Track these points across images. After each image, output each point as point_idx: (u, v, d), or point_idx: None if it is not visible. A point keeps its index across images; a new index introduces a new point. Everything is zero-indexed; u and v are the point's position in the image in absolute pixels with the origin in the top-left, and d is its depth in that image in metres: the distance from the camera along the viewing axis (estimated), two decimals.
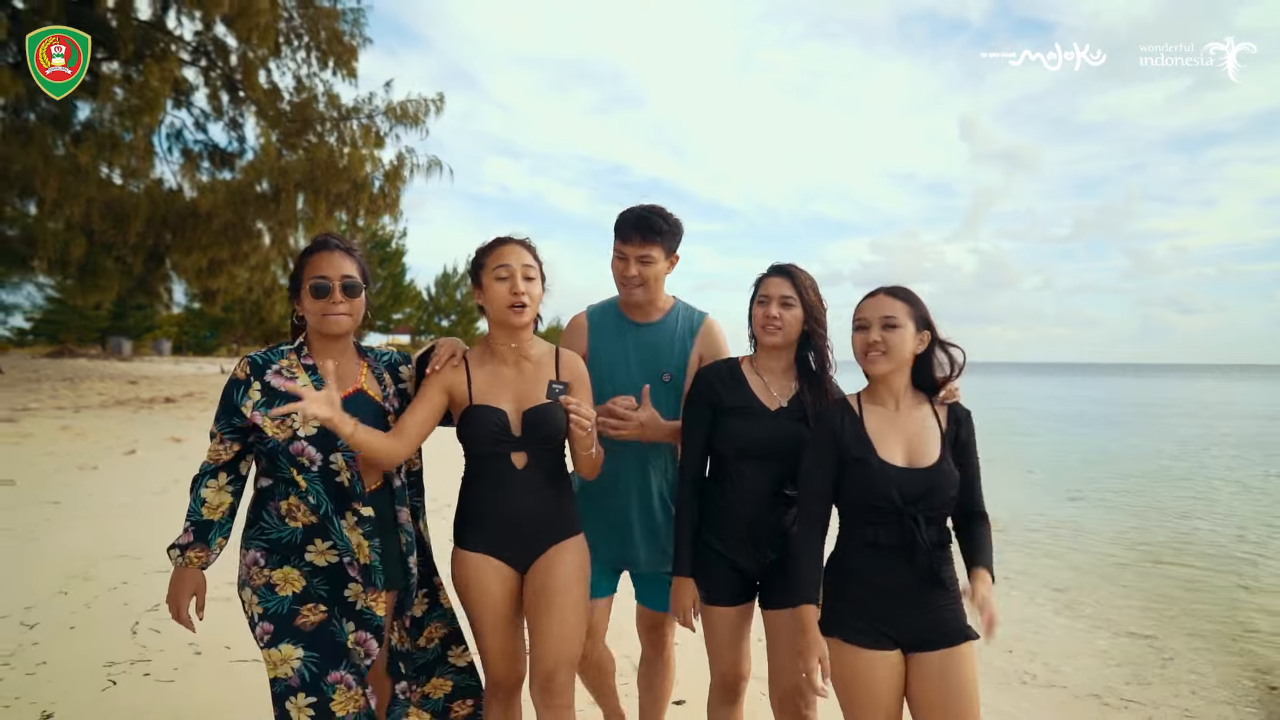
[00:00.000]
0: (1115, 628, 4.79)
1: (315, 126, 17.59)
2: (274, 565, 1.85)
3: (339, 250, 1.91)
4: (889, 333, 1.77)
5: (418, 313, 57.52)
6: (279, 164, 14.46)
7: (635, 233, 2.16)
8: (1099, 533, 7.63)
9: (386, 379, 1.99)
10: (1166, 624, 4.88)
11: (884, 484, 1.72)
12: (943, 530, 1.78)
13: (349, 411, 1.76)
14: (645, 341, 2.28)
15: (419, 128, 17.62)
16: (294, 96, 18.02)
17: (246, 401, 1.83)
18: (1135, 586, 5.81)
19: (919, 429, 1.80)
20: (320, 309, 1.86)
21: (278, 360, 1.88)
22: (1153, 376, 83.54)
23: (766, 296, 2.02)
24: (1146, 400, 35.49)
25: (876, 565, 1.74)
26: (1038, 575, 5.99)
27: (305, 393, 1.62)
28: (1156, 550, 6.97)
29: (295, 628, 1.80)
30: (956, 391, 1.87)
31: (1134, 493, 10.10)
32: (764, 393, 2.04)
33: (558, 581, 1.95)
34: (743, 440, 2.00)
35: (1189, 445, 15.98)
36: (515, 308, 1.90)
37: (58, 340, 46.19)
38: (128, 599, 4.01)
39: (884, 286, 1.84)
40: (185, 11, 16.08)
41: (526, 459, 1.94)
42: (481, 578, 1.94)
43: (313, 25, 17.79)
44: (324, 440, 1.82)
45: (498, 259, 1.93)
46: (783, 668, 2.00)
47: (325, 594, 1.84)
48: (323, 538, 1.85)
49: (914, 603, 1.72)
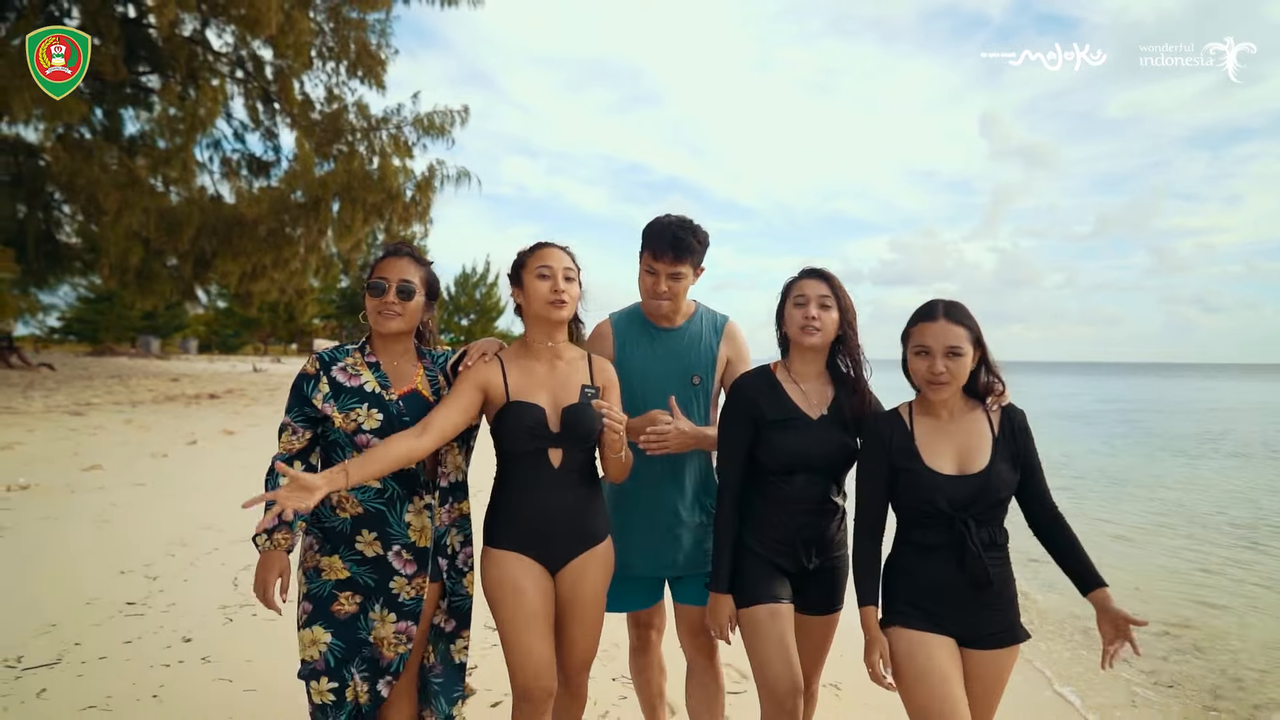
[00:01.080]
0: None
1: (346, 136, 18.57)
2: (325, 553, 1.94)
3: (406, 257, 2.02)
4: (952, 362, 1.77)
5: (439, 311, 58.54)
6: (319, 175, 15.40)
7: (669, 250, 2.17)
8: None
9: (441, 381, 2.06)
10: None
11: (931, 491, 1.76)
12: (998, 531, 1.79)
13: (405, 408, 1.93)
14: (671, 347, 2.30)
15: (445, 137, 18.57)
16: (325, 106, 19.01)
17: (316, 394, 1.93)
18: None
19: (970, 436, 1.82)
20: (375, 307, 1.96)
21: (344, 358, 1.98)
22: (1172, 376, 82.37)
23: (804, 297, 1.99)
24: (1141, 399, 35.47)
25: (929, 567, 1.79)
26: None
27: (280, 495, 1.61)
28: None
29: (330, 613, 1.91)
30: (1006, 394, 1.87)
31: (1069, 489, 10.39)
32: (804, 402, 2.01)
33: (586, 593, 1.99)
34: (790, 453, 1.97)
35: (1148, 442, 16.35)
36: (556, 304, 1.95)
37: (89, 338, 47.93)
38: (223, 560, 4.81)
39: (942, 306, 1.83)
40: (233, 33, 17.08)
41: (563, 457, 1.95)
42: (515, 575, 1.93)
43: (343, 38, 18.73)
44: (388, 432, 1.89)
45: (540, 259, 1.98)
46: (812, 664, 2.08)
47: (372, 583, 1.92)
48: (369, 528, 1.92)
49: (965, 603, 1.76)
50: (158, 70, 17.75)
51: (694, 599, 2.25)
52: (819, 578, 2.02)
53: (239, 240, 14.37)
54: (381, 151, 18.22)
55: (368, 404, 1.91)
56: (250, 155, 19.64)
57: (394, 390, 1.95)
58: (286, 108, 18.23)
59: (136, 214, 13.05)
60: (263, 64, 18.92)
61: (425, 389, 2.01)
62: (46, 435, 9.85)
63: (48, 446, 9.02)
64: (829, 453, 1.97)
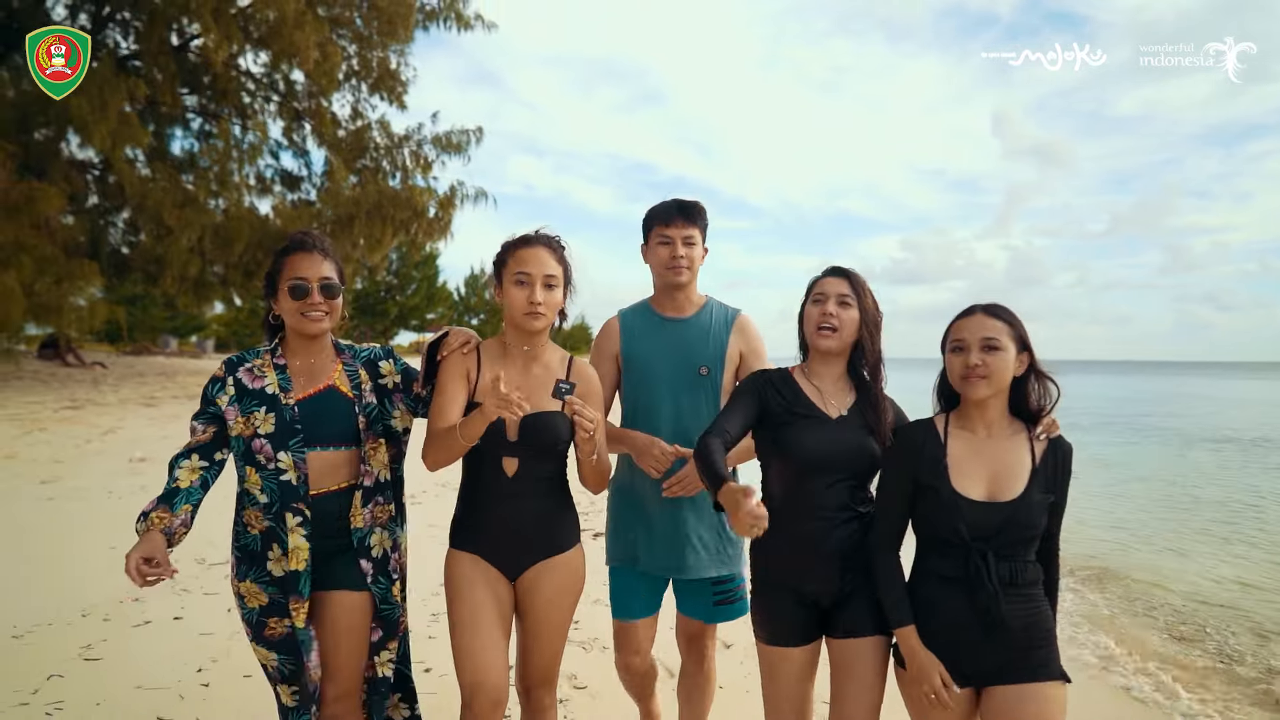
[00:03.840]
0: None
1: (370, 153, 20.34)
2: (241, 576, 1.89)
3: (317, 251, 1.90)
4: (990, 355, 1.67)
5: (449, 312, 60.58)
6: (352, 194, 17.26)
7: (678, 214, 2.22)
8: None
9: (363, 375, 1.97)
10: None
11: (952, 516, 1.65)
12: (1024, 568, 1.66)
13: (318, 407, 1.87)
14: (679, 336, 2.28)
15: (462, 154, 20.33)
16: (350, 124, 20.75)
17: (221, 396, 1.88)
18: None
19: (1008, 460, 1.69)
20: (298, 309, 1.86)
21: (252, 359, 1.92)
22: (1177, 375, 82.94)
23: (823, 295, 1.91)
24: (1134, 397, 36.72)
25: (944, 597, 1.68)
26: None
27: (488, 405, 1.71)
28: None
29: (265, 637, 1.88)
30: (1055, 426, 1.75)
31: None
32: (821, 401, 1.90)
33: (541, 600, 1.93)
34: (807, 450, 1.84)
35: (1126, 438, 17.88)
36: (531, 315, 1.89)
37: (112, 339, 50.00)
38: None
39: (980, 304, 1.75)
40: (267, 58, 18.84)
41: (518, 466, 1.89)
42: (468, 574, 1.91)
43: (365, 60, 20.45)
44: (278, 438, 1.83)
45: (519, 263, 1.91)
46: (853, 706, 1.80)
47: (284, 605, 1.85)
48: (278, 543, 1.85)
49: (984, 638, 1.64)
50: (195, 91, 19.55)
51: (697, 613, 2.31)
52: (856, 596, 1.83)
53: None
54: (403, 167, 20.04)
55: (265, 407, 1.86)
56: (284, 171, 21.48)
57: (294, 394, 1.89)
58: (317, 127, 20.00)
59: (196, 230, 14.92)
60: (294, 85, 20.70)
61: (344, 384, 1.95)
62: (134, 422, 11.68)
63: (140, 430, 10.84)
64: (848, 451, 1.85)
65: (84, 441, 9.54)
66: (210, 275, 16.99)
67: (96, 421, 11.24)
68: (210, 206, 17.10)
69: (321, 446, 1.87)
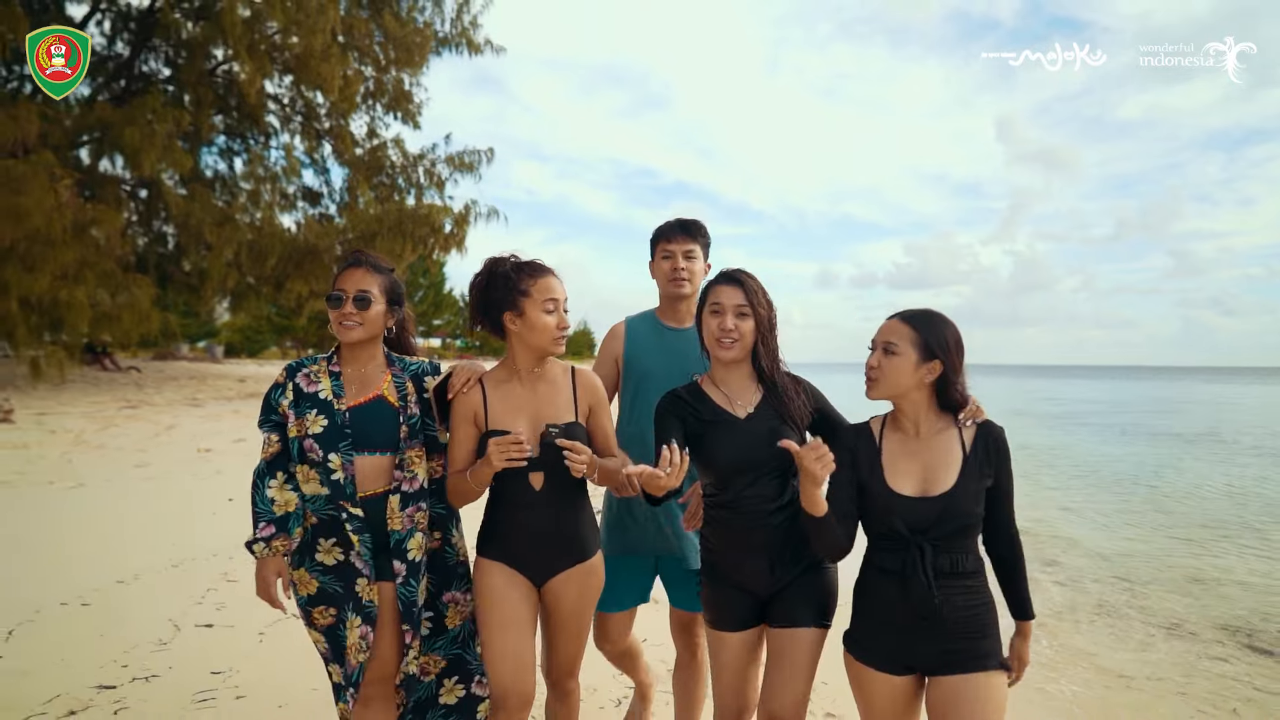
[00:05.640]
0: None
1: (387, 171, 21.79)
2: (294, 565, 2.04)
3: (363, 266, 2.05)
4: (886, 358, 1.74)
5: (455, 318, 61.96)
6: (376, 211, 18.83)
7: (680, 231, 2.40)
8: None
9: (409, 388, 2.09)
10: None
11: (888, 513, 1.72)
12: (962, 558, 1.70)
13: (367, 415, 2.01)
14: (676, 346, 2.41)
15: (474, 174, 21.77)
16: (366, 142, 22.18)
17: (283, 400, 2.04)
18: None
19: (939, 454, 1.75)
20: (335, 318, 2.02)
21: (309, 365, 2.08)
22: (1181, 379, 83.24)
23: (720, 306, 1.95)
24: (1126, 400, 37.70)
25: (884, 589, 1.74)
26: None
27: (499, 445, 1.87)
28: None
29: (314, 623, 2.03)
30: (980, 410, 1.80)
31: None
32: (728, 404, 1.98)
33: (567, 605, 2.06)
34: (723, 454, 1.92)
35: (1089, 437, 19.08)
36: (560, 340, 1.99)
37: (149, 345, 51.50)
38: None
39: (906, 310, 1.80)
40: (290, 82, 20.33)
41: (544, 479, 1.98)
42: (497, 582, 2.01)
43: (381, 83, 21.86)
44: (328, 439, 1.97)
45: (547, 291, 1.98)
46: (780, 688, 1.88)
47: (340, 590, 1.98)
48: (326, 536, 1.99)
49: (924, 629, 1.68)
50: (222, 112, 21.00)
51: (685, 604, 2.44)
52: (793, 589, 1.93)
53: (310, 265, 17.70)
54: (417, 184, 21.50)
55: (317, 410, 2.00)
56: (305, 187, 22.97)
57: (347, 400, 2.02)
58: (337, 146, 21.44)
59: (234, 246, 16.43)
60: (315, 108, 22.13)
61: (391, 395, 2.06)
62: (188, 419, 13.08)
63: (196, 426, 12.23)
64: (762, 447, 1.91)
65: (152, 435, 10.93)
66: (244, 286, 18.50)
67: (156, 419, 12.65)
68: (247, 224, 18.69)
69: (368, 451, 2.00)
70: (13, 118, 12.75)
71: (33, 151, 13.29)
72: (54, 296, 12.75)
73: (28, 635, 3.73)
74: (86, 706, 3.03)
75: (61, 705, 3.03)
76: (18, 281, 12.13)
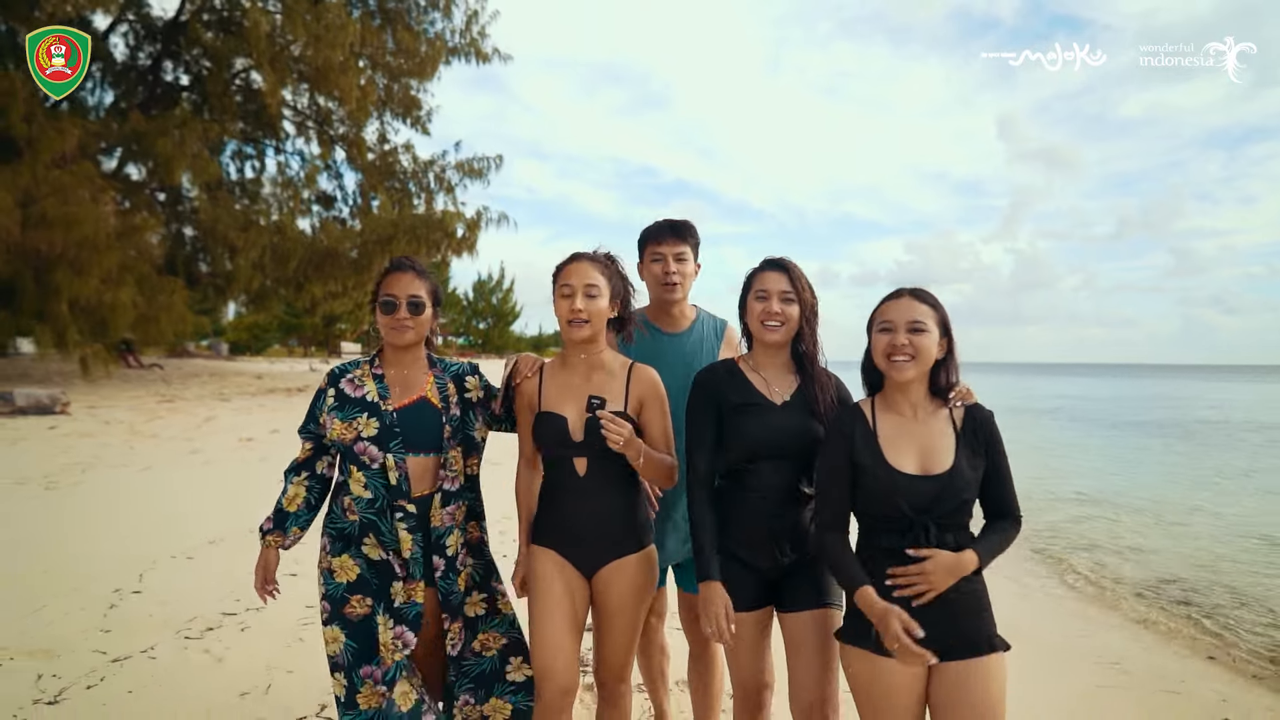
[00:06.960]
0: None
1: (399, 176, 22.63)
2: (335, 553, 2.08)
3: (411, 271, 2.12)
4: (916, 337, 1.74)
5: (459, 317, 62.75)
6: (393, 216, 19.75)
7: (669, 233, 2.41)
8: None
9: (451, 388, 2.15)
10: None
11: (892, 492, 1.71)
12: (962, 536, 1.73)
13: (413, 416, 2.07)
14: (678, 350, 2.45)
15: (482, 179, 22.62)
16: (378, 147, 23.00)
17: (324, 407, 2.10)
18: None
19: (934, 435, 1.77)
20: (387, 323, 2.08)
21: (353, 370, 2.13)
22: (1181, 377, 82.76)
23: (765, 292, 2.00)
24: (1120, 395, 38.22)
25: (887, 571, 1.71)
26: None
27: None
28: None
29: (344, 615, 2.04)
30: (969, 393, 1.83)
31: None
32: (765, 389, 2.01)
33: (614, 599, 2.03)
34: (754, 437, 1.95)
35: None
36: (573, 323, 2.01)
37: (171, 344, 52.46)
38: None
39: (907, 288, 1.82)
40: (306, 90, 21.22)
41: (588, 465, 2.00)
42: (545, 569, 2.03)
43: (391, 90, 22.66)
44: (380, 440, 2.03)
45: (564, 276, 2.04)
46: (804, 676, 1.91)
47: (376, 587, 2.04)
48: (374, 533, 2.04)
49: (930, 612, 1.67)
50: (241, 119, 21.85)
51: (694, 588, 2.32)
52: (799, 573, 1.97)
53: (329, 267, 18.65)
54: (428, 189, 22.36)
55: (367, 413, 2.06)
56: (320, 192, 23.86)
57: (393, 401, 2.09)
58: (352, 152, 22.30)
59: (256, 249, 17.36)
60: (330, 115, 22.98)
61: (434, 396, 2.12)
62: (223, 412, 13.97)
63: (232, 419, 13.12)
64: (793, 438, 1.95)
65: (194, 427, 11.83)
66: (265, 288, 19.45)
67: (194, 412, 13.57)
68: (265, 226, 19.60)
69: (415, 452, 2.06)
70: (59, 131, 13.64)
71: (72, 162, 14.21)
72: (99, 299, 13.68)
73: (154, 578, 4.68)
74: (219, 625, 3.94)
75: (200, 623, 3.95)
76: (68, 285, 13.08)
